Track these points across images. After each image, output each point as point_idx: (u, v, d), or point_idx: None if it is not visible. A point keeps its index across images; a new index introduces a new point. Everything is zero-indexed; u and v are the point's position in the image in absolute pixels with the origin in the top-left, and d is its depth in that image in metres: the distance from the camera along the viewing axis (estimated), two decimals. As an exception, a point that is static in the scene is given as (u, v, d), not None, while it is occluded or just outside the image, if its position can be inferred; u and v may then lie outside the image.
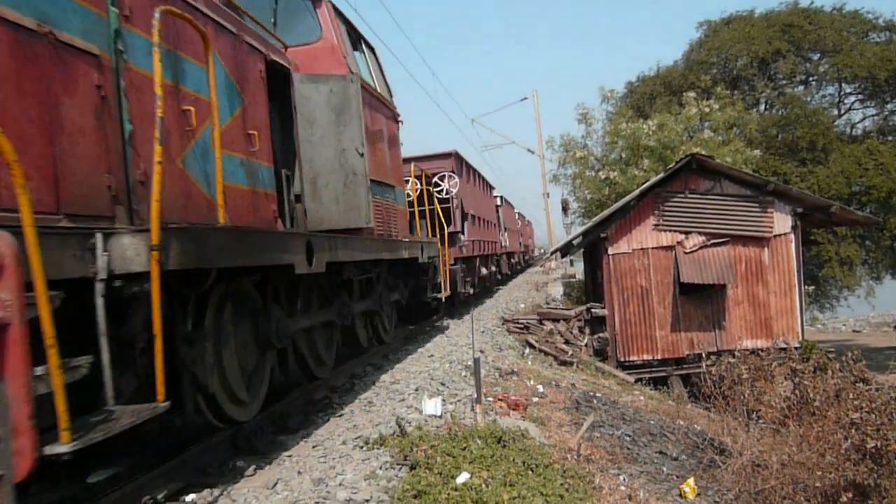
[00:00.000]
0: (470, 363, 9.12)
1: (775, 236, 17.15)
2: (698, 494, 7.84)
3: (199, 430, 5.31)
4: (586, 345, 17.46)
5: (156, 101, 3.83)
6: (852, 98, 36.56)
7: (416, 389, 7.66)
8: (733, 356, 13.03)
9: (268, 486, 4.61)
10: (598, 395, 11.13)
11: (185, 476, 4.81)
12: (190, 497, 4.48)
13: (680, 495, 7.70)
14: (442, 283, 12.53)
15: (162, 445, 5.24)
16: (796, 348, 15.29)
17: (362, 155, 7.26)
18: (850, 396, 9.59)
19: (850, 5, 35.22)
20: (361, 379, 8.57)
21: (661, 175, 18.04)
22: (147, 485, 4.38)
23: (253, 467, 5.07)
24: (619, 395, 12.50)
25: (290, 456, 5.36)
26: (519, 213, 43.02)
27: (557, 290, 27.79)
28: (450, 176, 15.67)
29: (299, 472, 4.90)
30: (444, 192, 15.37)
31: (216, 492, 4.57)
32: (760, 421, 10.74)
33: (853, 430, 8.78)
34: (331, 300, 7.76)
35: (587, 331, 18.02)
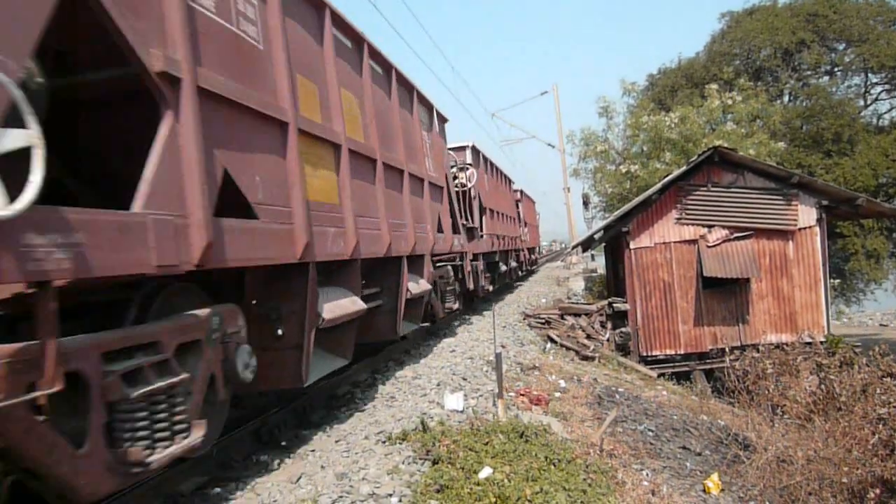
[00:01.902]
0: (491, 358, 9.12)
1: (800, 229, 16.92)
2: (722, 490, 7.78)
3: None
4: (608, 339, 17.38)
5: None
6: (879, 88, 35.97)
7: (438, 384, 7.67)
8: (757, 351, 12.91)
9: (291, 480, 4.65)
10: (620, 390, 11.07)
11: (210, 470, 4.87)
12: (215, 491, 4.54)
13: (704, 491, 7.65)
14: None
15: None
16: (822, 343, 15.10)
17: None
18: (878, 391, 9.47)
19: (876, -7, 34.64)
20: (383, 374, 8.61)
21: (684, 168, 17.87)
22: (172, 478, 4.44)
23: (277, 461, 5.12)
24: (641, 390, 12.43)
25: (313, 450, 5.40)
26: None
27: (579, 285, 27.70)
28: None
29: (322, 467, 4.93)
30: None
31: (240, 485, 4.62)
32: (785, 416, 10.63)
33: (881, 426, 8.67)
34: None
35: (609, 325, 17.93)
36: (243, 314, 4.55)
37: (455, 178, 14.12)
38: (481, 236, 15.72)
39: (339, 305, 6.10)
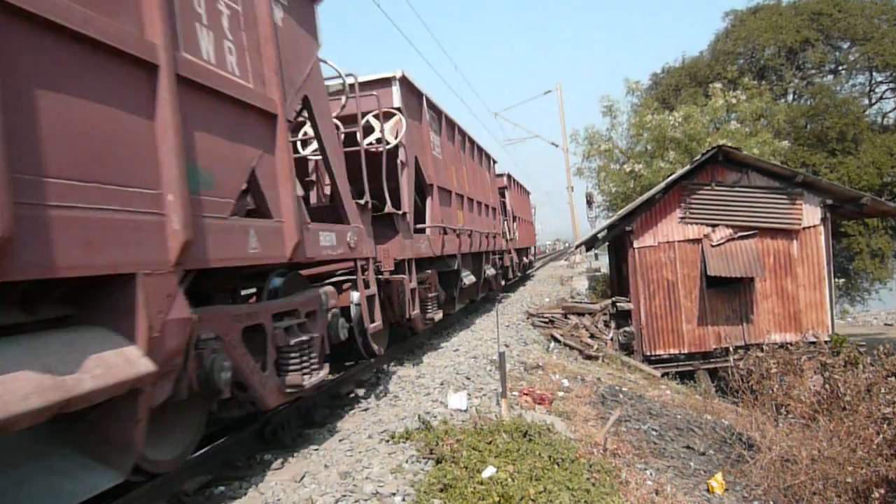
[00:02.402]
0: (495, 357, 9.11)
1: (804, 228, 16.88)
2: (726, 490, 7.77)
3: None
4: (612, 339, 17.36)
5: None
6: (884, 87, 35.83)
7: (442, 384, 7.67)
8: (761, 350, 12.87)
9: (295, 480, 4.65)
10: (624, 389, 11.06)
11: (214, 469, 4.87)
12: (219, 490, 4.54)
13: (708, 490, 7.64)
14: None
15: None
16: (826, 342, 15.04)
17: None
18: (882, 391, 9.42)
19: (881, -8, 34.51)
20: (386, 373, 8.61)
21: (688, 167, 17.85)
22: (176, 477, 4.44)
23: (280, 460, 5.12)
24: (645, 389, 12.42)
25: (316, 449, 5.40)
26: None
27: (582, 284, 27.68)
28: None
29: (326, 466, 4.93)
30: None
31: (244, 485, 4.62)
32: (789, 416, 10.60)
33: (885, 425, 8.63)
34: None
35: (612, 325, 17.92)
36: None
37: (367, 131, 8.80)
38: (417, 230, 9.97)
39: None
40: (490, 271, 16.19)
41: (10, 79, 2.61)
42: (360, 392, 7.57)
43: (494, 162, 18.90)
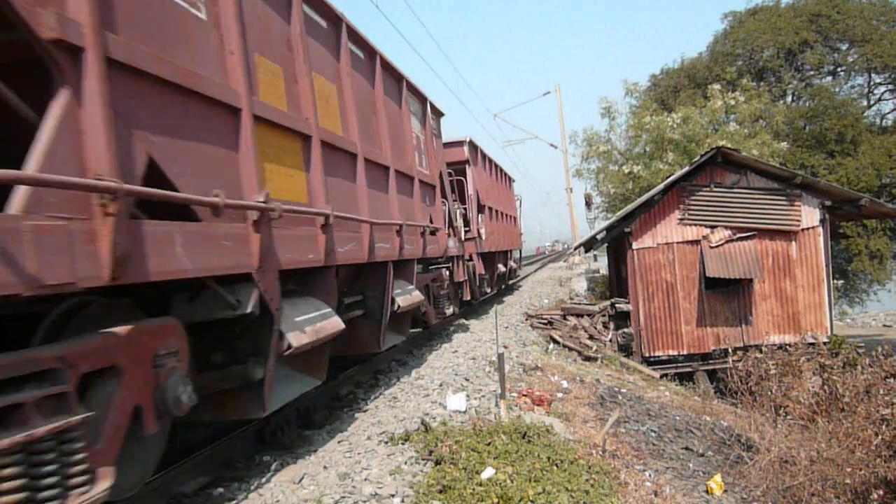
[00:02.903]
0: (494, 359, 9.12)
1: (803, 230, 16.89)
2: (725, 491, 7.77)
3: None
4: (611, 340, 17.37)
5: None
6: (882, 88, 35.85)
7: (441, 385, 7.67)
8: (760, 351, 12.87)
9: (294, 481, 4.66)
10: (623, 390, 11.07)
11: (213, 470, 4.87)
12: (218, 491, 4.54)
13: (707, 491, 7.64)
14: None
15: (189, 439, 5.31)
16: (825, 343, 15.04)
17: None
18: (881, 392, 9.43)
19: (879, -7, 34.55)
20: (386, 374, 8.61)
21: (686, 168, 17.85)
22: (176, 478, 4.45)
23: (279, 462, 5.12)
24: (644, 390, 12.42)
25: (315, 451, 5.41)
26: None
27: (581, 286, 27.66)
28: None
29: (325, 467, 4.94)
30: None
31: (244, 486, 4.63)
32: (788, 417, 10.60)
33: (884, 427, 8.63)
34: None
35: (611, 326, 17.92)
36: None
37: None
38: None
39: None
40: (402, 299, 8.11)
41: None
42: (360, 393, 7.57)
43: (441, 115, 12.02)
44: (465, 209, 14.62)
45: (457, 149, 15.27)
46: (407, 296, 8.30)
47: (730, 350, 15.52)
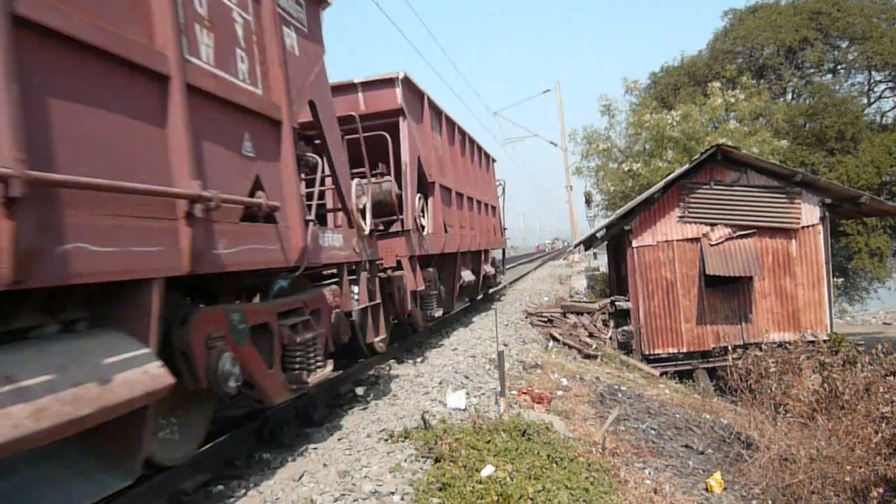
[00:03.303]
0: (493, 356, 9.12)
1: (803, 227, 16.89)
2: (725, 489, 7.77)
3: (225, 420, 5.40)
4: (610, 338, 17.37)
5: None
6: (882, 86, 35.80)
7: (440, 383, 7.67)
8: (760, 349, 12.87)
9: (294, 478, 4.65)
10: (622, 388, 11.06)
11: (213, 468, 4.87)
12: (218, 488, 4.54)
13: (706, 489, 7.65)
14: None
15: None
16: (825, 341, 15.04)
17: None
18: (881, 390, 9.43)
19: (880, -9, 34.50)
20: (386, 372, 8.61)
21: (686, 166, 17.85)
22: (175, 476, 4.44)
23: (279, 459, 5.12)
24: (644, 388, 12.42)
25: (315, 448, 5.40)
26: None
27: (581, 283, 27.66)
28: None
29: (325, 465, 4.93)
30: None
31: (243, 483, 4.62)
32: (788, 415, 10.61)
33: (884, 425, 8.64)
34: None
35: (611, 324, 17.92)
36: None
37: None
38: None
39: None
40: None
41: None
42: (359, 391, 7.57)
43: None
44: (397, 186, 9.23)
45: (384, 91, 9.68)
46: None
47: (730, 348, 15.55)
